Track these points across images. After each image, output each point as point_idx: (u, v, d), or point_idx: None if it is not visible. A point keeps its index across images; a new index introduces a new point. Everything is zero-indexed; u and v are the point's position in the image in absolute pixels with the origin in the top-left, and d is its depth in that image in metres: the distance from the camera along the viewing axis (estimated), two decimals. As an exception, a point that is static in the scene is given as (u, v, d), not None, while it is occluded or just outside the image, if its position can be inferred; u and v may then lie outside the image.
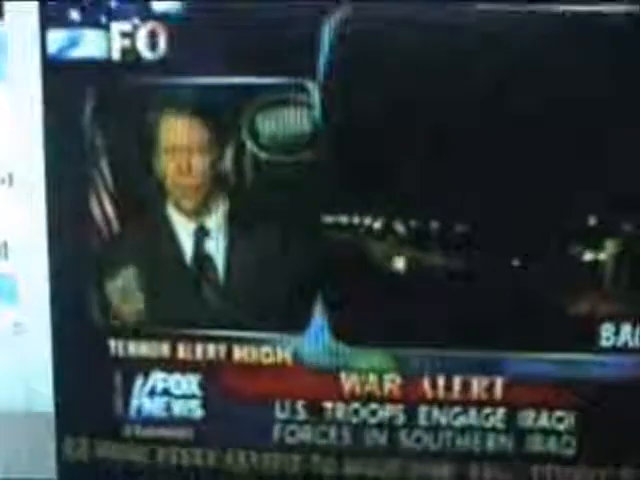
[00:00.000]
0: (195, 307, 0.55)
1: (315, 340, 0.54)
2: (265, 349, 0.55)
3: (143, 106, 0.53)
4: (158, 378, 0.56)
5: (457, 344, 0.54)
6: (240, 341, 0.55)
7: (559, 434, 0.55)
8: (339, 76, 0.51)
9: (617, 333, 0.53)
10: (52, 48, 0.53)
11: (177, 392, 0.57)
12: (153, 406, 0.57)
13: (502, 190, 0.52)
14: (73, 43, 0.52)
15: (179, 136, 0.53)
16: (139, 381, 0.57)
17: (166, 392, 0.57)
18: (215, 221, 0.54)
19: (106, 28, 0.52)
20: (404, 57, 0.51)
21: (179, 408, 0.57)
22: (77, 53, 0.52)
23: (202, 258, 0.54)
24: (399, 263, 0.53)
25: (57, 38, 0.53)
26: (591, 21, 0.49)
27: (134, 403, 0.57)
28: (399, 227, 0.53)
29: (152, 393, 0.57)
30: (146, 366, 0.56)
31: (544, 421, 0.54)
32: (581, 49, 0.49)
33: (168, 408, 0.57)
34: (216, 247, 0.54)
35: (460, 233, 0.53)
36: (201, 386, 0.56)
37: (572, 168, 0.51)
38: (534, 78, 0.50)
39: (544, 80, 0.50)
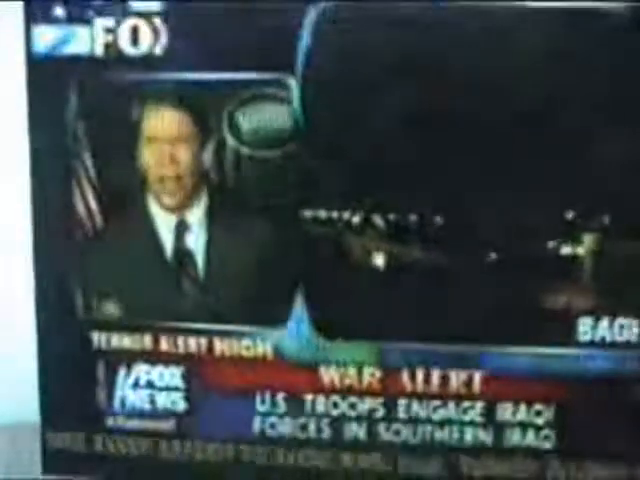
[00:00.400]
0: (176, 300, 0.55)
1: (295, 334, 0.55)
2: (246, 342, 0.56)
3: (125, 101, 0.53)
4: (141, 370, 0.57)
5: (436, 338, 0.54)
6: (221, 334, 0.56)
7: (538, 428, 0.55)
8: (318, 72, 0.52)
9: (595, 327, 0.54)
10: (36, 44, 0.54)
11: (160, 384, 0.57)
12: (136, 398, 0.58)
13: (479, 185, 0.53)
14: (57, 39, 0.53)
15: (160, 130, 0.53)
16: (122, 373, 0.57)
17: (149, 384, 0.57)
18: (196, 216, 0.54)
19: (89, 24, 0.53)
20: (381, 53, 0.51)
21: (162, 400, 0.57)
22: (60, 49, 0.53)
23: (182, 252, 0.55)
24: (378, 257, 0.54)
25: (41, 35, 0.54)
26: (565, 18, 0.50)
27: (117, 395, 0.58)
28: (378, 221, 0.54)
29: (135, 385, 0.57)
30: (129, 359, 0.57)
31: (522, 415, 0.55)
32: (552, 47, 0.50)
33: (151, 400, 0.58)
34: (196, 241, 0.55)
35: (438, 227, 0.53)
36: (183, 379, 0.57)
37: (550, 163, 0.52)
38: (511, 74, 0.51)
39: (520, 77, 0.51)
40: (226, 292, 0.55)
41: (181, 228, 0.54)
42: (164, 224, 0.55)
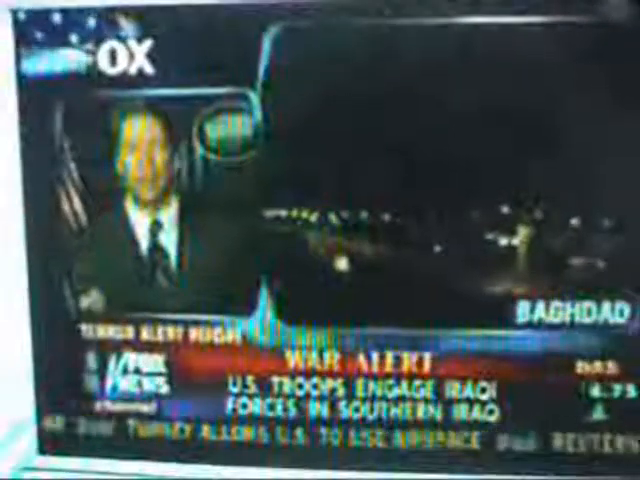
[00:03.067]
0: (153, 293, 0.61)
1: (261, 321, 0.61)
2: (217, 330, 0.61)
3: (105, 115, 0.60)
4: (126, 358, 0.63)
5: (389, 323, 0.60)
6: (196, 323, 0.62)
7: (483, 403, 0.60)
8: (276, 85, 0.58)
9: (532, 310, 0.59)
10: (25, 66, 0.60)
11: (144, 370, 0.63)
12: (122, 383, 0.63)
13: (424, 184, 0.58)
14: (43, 61, 0.59)
15: (136, 138, 0.59)
16: (108, 361, 0.63)
17: (134, 370, 0.63)
18: (168, 216, 0.61)
19: (72, 47, 0.59)
20: (335, 67, 0.57)
21: (145, 385, 0.63)
22: (47, 69, 0.59)
23: (156, 249, 0.61)
24: (335, 252, 0.60)
25: (29, 57, 0.60)
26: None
27: (104, 381, 0.64)
28: (333, 218, 0.59)
29: (120, 371, 0.63)
30: (114, 348, 0.63)
31: (469, 391, 0.60)
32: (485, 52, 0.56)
33: (136, 385, 0.63)
34: (168, 239, 0.61)
35: (387, 223, 0.59)
36: (164, 365, 0.63)
37: (485, 162, 0.57)
38: (451, 78, 0.57)
39: (458, 79, 0.56)
40: (196, 285, 0.61)
41: (155, 227, 0.61)
42: (140, 223, 0.61)
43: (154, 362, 0.62)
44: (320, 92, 0.58)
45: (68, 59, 0.59)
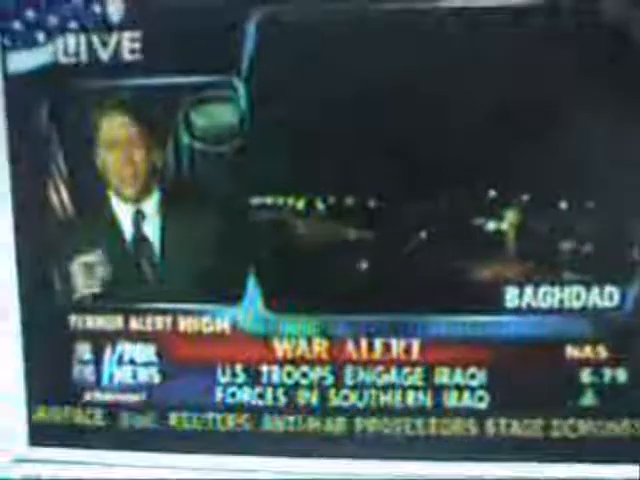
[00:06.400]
0: (140, 283, 0.61)
1: (249, 310, 0.61)
2: (206, 319, 0.61)
3: (88, 106, 0.60)
4: (117, 349, 0.63)
5: (377, 310, 0.60)
6: (184, 313, 0.62)
7: (472, 389, 0.60)
8: (261, 72, 0.58)
9: (520, 295, 0.59)
10: (10, 64, 0.60)
11: (134, 360, 0.63)
12: (119, 373, 0.63)
13: (411, 170, 0.58)
14: (26, 53, 0.60)
15: (120, 132, 0.59)
16: (98, 352, 0.63)
17: (127, 361, 0.63)
18: (150, 206, 0.61)
19: (52, 42, 0.59)
20: (319, 54, 0.57)
21: (135, 375, 0.63)
22: (30, 65, 0.59)
23: (140, 239, 0.61)
24: (321, 238, 0.60)
25: (13, 56, 0.60)
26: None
27: (98, 371, 0.63)
28: (319, 205, 0.59)
29: (112, 361, 0.63)
30: (104, 338, 0.63)
31: (458, 378, 0.60)
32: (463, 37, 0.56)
33: (126, 375, 0.63)
34: (152, 229, 0.61)
35: (373, 209, 0.59)
36: (154, 355, 0.63)
37: (473, 147, 0.57)
38: (438, 64, 0.56)
39: (448, 64, 0.56)
40: (183, 274, 0.61)
41: (138, 218, 0.61)
42: (124, 215, 0.61)
43: (144, 352, 0.62)
44: (305, 79, 0.58)
45: (50, 50, 0.59)
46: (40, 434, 0.65)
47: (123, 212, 0.61)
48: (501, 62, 0.56)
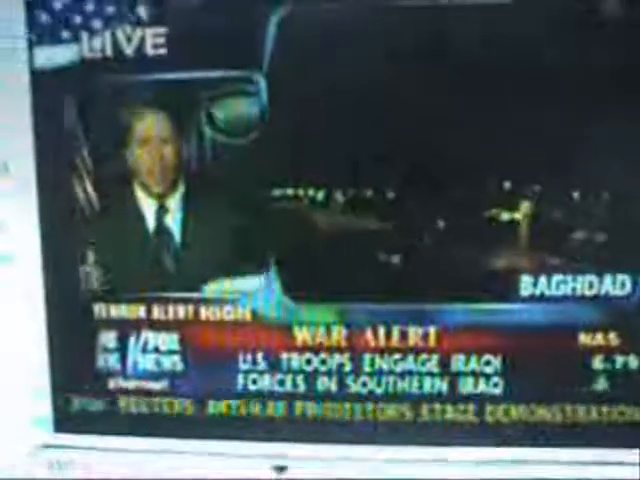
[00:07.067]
0: (162, 274, 0.63)
1: (270, 299, 0.62)
2: (227, 308, 0.63)
3: (115, 102, 0.61)
4: (140, 336, 0.64)
5: (394, 298, 0.61)
6: (206, 302, 0.63)
7: (487, 376, 0.62)
8: (282, 69, 0.59)
9: (535, 284, 0.60)
10: (37, 60, 0.62)
11: (157, 349, 0.65)
12: (143, 361, 0.65)
13: (427, 160, 0.59)
14: (53, 49, 0.61)
15: (147, 128, 0.61)
16: (122, 339, 0.65)
17: (150, 349, 0.65)
18: (176, 200, 0.62)
19: (78, 40, 0.61)
20: (337, 50, 0.59)
21: (160, 363, 0.65)
22: (57, 57, 0.61)
23: (165, 231, 0.63)
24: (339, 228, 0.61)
25: (41, 53, 0.62)
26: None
27: (124, 359, 0.65)
28: (339, 196, 0.61)
29: (145, 350, 0.65)
30: (127, 326, 0.65)
31: (473, 364, 0.62)
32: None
33: (152, 363, 0.65)
34: (175, 222, 0.63)
35: (392, 200, 0.60)
36: (177, 343, 0.64)
37: (488, 140, 0.59)
38: (451, 56, 0.58)
39: (461, 56, 0.58)
40: (209, 264, 0.63)
41: (162, 210, 0.62)
42: (147, 208, 0.63)
43: (167, 340, 0.64)
44: (324, 74, 0.59)
45: (77, 47, 0.61)
46: (65, 421, 0.67)
47: (147, 205, 0.63)
48: (517, 58, 0.57)
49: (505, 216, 0.60)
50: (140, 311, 0.64)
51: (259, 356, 0.63)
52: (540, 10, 0.57)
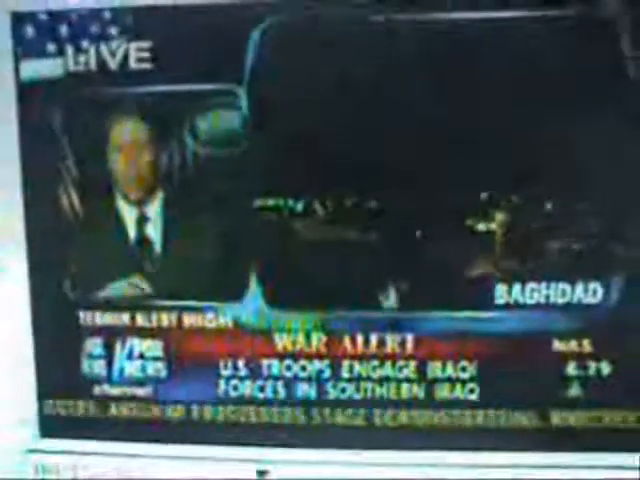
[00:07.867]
0: (147, 281, 0.64)
1: (251, 307, 0.64)
2: (209, 316, 0.64)
3: (98, 113, 0.63)
4: (125, 343, 0.66)
5: (373, 306, 0.63)
6: (188, 310, 0.65)
7: (463, 382, 0.63)
8: (262, 81, 0.61)
9: (509, 292, 0.62)
10: (24, 73, 0.63)
11: (140, 355, 0.66)
12: (128, 367, 0.66)
13: (406, 172, 0.61)
14: (39, 61, 0.63)
15: (128, 137, 0.62)
16: (107, 347, 0.66)
17: (141, 356, 0.66)
18: (155, 207, 0.64)
19: (63, 54, 0.62)
20: (317, 64, 0.60)
21: (140, 369, 0.66)
22: (42, 70, 0.63)
23: (143, 240, 0.64)
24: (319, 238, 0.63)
25: (26, 66, 0.63)
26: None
27: (105, 366, 0.66)
28: (317, 207, 0.62)
29: (129, 357, 0.66)
30: (112, 333, 0.66)
31: (450, 371, 0.63)
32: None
33: (134, 369, 0.66)
34: (156, 230, 0.64)
35: (370, 209, 0.62)
36: (161, 350, 0.66)
37: (464, 152, 0.60)
38: (436, 70, 0.59)
39: (446, 70, 0.59)
40: (190, 273, 0.64)
41: (142, 219, 0.64)
42: (129, 216, 0.64)
43: (152, 347, 0.65)
44: (305, 87, 0.61)
45: (62, 60, 0.62)
46: (51, 426, 0.68)
47: (128, 213, 0.64)
48: (498, 69, 0.59)
49: (481, 226, 0.61)
50: (124, 318, 0.65)
51: (240, 363, 0.65)
52: (509, 24, 0.58)
